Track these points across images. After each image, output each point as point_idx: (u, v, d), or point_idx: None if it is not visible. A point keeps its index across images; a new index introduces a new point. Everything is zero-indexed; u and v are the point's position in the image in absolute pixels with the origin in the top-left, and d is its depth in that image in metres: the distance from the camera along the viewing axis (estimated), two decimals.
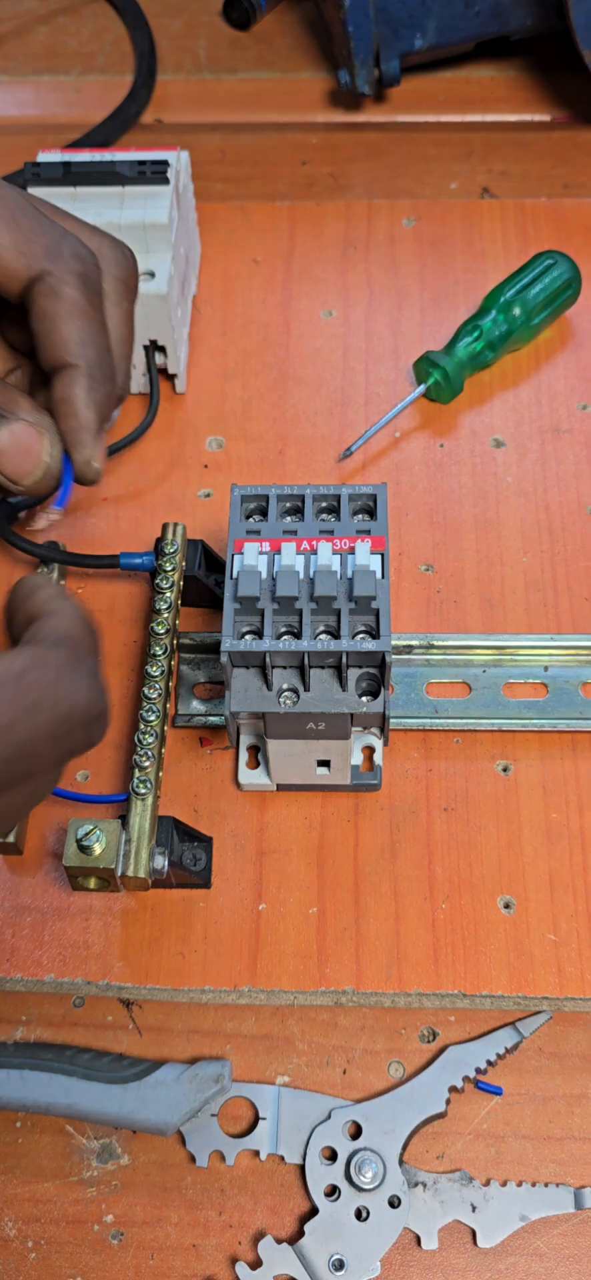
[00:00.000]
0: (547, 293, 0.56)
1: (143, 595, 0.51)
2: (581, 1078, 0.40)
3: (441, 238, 0.62)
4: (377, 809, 0.45)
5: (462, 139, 0.68)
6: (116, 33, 0.75)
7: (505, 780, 0.45)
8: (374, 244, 0.62)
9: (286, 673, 0.40)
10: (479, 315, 0.56)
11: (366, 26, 0.64)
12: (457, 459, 0.54)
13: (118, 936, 0.42)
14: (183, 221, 0.57)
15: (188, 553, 0.48)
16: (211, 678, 0.48)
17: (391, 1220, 0.37)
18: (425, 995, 0.41)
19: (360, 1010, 0.41)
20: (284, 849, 0.44)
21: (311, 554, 0.41)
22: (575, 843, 0.44)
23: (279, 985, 0.41)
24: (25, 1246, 0.38)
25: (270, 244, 0.63)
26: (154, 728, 0.43)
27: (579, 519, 0.52)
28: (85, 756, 0.46)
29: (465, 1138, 0.39)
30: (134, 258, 0.42)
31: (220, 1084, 0.39)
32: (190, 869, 0.43)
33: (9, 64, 0.74)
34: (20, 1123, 0.40)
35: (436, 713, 0.46)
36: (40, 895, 0.43)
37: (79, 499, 0.54)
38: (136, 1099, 0.38)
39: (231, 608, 0.40)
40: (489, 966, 0.41)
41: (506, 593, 0.50)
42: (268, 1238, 0.37)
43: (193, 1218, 0.38)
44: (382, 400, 0.56)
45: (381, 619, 0.40)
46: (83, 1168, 0.39)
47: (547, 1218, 0.38)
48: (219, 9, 0.75)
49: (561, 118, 0.69)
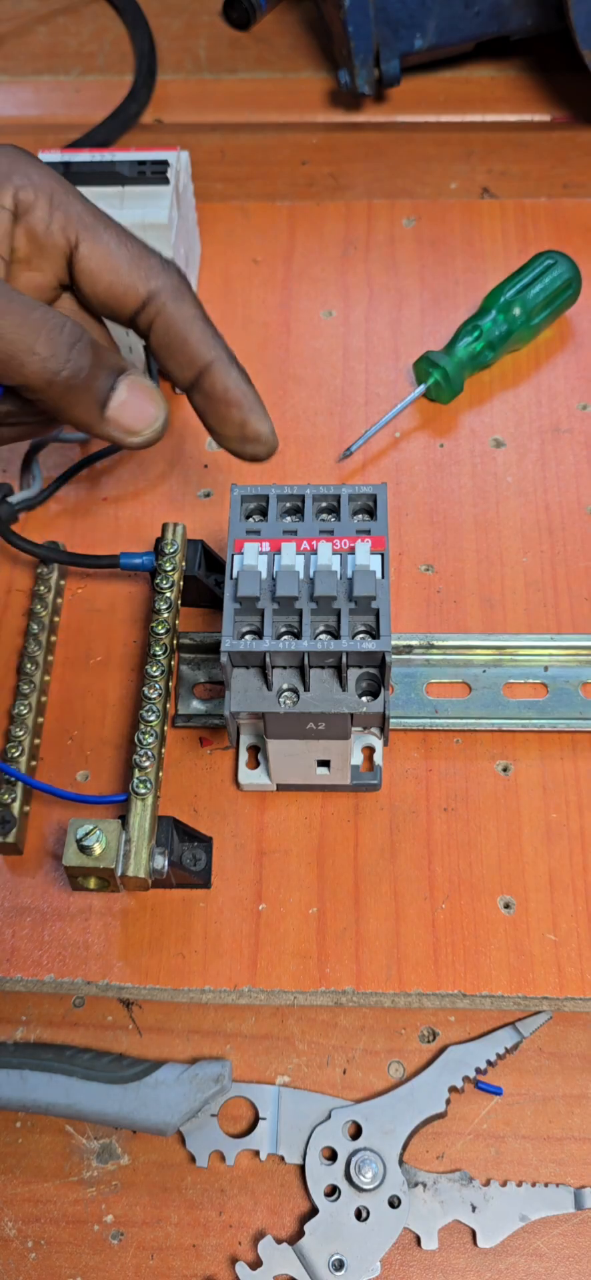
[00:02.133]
0: (547, 293, 0.56)
1: (143, 595, 0.51)
2: (581, 1078, 0.40)
3: (441, 238, 0.62)
4: (377, 809, 0.45)
5: (462, 139, 0.68)
6: (116, 33, 0.75)
7: (505, 780, 0.45)
8: (374, 244, 0.62)
9: (286, 673, 0.40)
10: (479, 315, 0.56)
11: (366, 26, 0.64)
12: (457, 459, 0.54)
13: (118, 936, 0.42)
14: (182, 221, 0.57)
15: (188, 553, 0.48)
16: (211, 678, 0.48)
17: (391, 1220, 0.37)
18: (425, 995, 0.41)
19: (360, 1010, 0.41)
20: (284, 849, 0.44)
21: (311, 554, 0.41)
22: (575, 843, 0.44)
23: (279, 985, 0.41)
24: (25, 1246, 0.38)
25: (270, 244, 0.63)
26: (154, 728, 0.43)
27: (579, 519, 0.52)
28: (85, 757, 0.46)
29: (465, 1138, 0.39)
30: None
31: (220, 1084, 0.39)
32: (190, 869, 0.43)
33: (9, 64, 0.74)
34: (20, 1123, 0.40)
35: (436, 713, 0.46)
36: (40, 895, 0.43)
37: (79, 499, 0.54)
38: (136, 1099, 0.38)
39: (231, 608, 0.40)
40: (489, 966, 0.41)
41: (506, 593, 0.50)
42: (268, 1238, 0.37)
43: (193, 1218, 0.38)
44: (382, 400, 0.56)
45: (381, 619, 0.40)
46: (83, 1168, 0.39)
47: (547, 1218, 0.38)
48: (219, 9, 0.75)
49: (561, 118, 0.69)
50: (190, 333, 0.42)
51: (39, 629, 0.48)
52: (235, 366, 0.42)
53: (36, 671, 0.47)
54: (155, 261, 0.42)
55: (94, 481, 0.54)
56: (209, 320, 0.43)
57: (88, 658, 0.49)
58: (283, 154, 0.68)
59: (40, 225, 0.41)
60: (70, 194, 0.42)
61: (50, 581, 0.49)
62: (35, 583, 0.49)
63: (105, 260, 0.41)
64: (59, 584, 0.50)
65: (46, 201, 0.41)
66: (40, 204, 0.41)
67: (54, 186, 0.42)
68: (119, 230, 0.42)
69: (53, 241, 0.42)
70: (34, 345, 0.39)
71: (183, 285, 0.42)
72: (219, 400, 0.42)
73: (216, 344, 0.42)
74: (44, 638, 0.48)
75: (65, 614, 0.50)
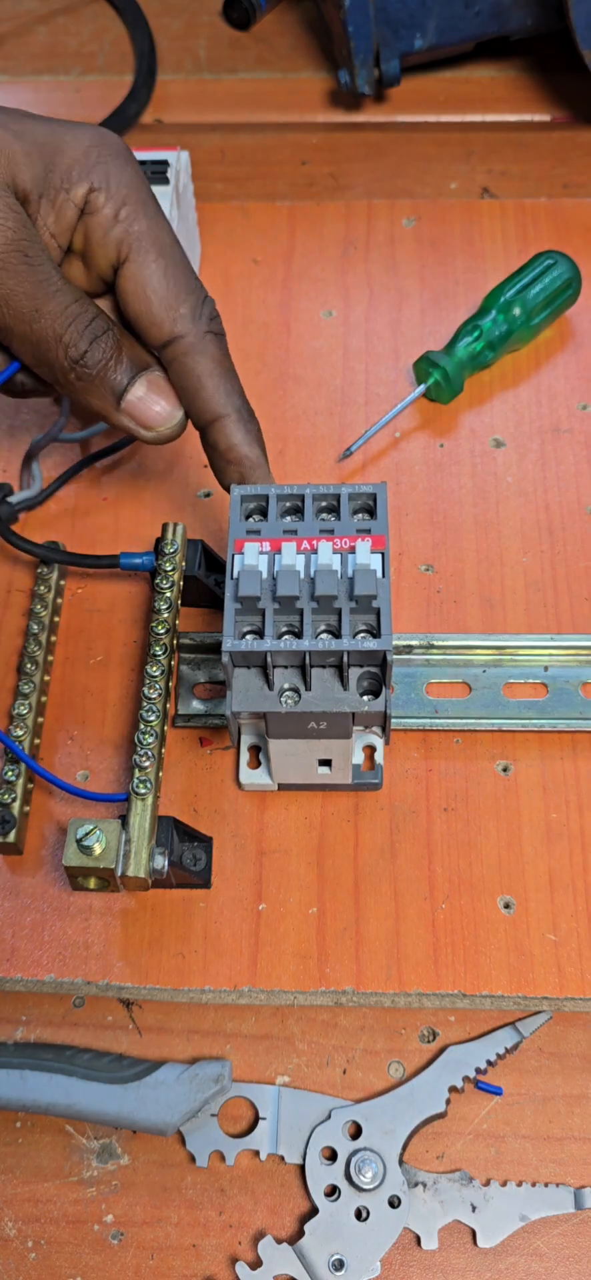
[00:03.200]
0: (547, 293, 0.56)
1: (143, 595, 0.51)
2: (581, 1078, 0.40)
3: (441, 238, 0.62)
4: (377, 809, 0.45)
5: (462, 139, 0.68)
6: (116, 33, 0.75)
7: (505, 780, 0.45)
8: (374, 244, 0.62)
9: (287, 672, 0.40)
10: (479, 315, 0.56)
11: (366, 26, 0.64)
12: (457, 459, 0.54)
13: (118, 936, 0.42)
14: (183, 221, 0.57)
15: (188, 553, 0.48)
16: (211, 678, 0.48)
17: (391, 1220, 0.37)
18: (425, 995, 0.41)
19: (360, 1010, 0.41)
20: (284, 849, 0.44)
21: (312, 553, 0.41)
22: (575, 843, 0.44)
23: (279, 985, 0.41)
24: (25, 1246, 0.38)
25: (270, 244, 0.63)
26: (154, 728, 0.43)
27: (579, 519, 0.52)
28: (85, 756, 0.46)
29: (465, 1138, 0.39)
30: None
31: (220, 1084, 0.39)
32: (190, 869, 0.43)
33: (9, 64, 0.74)
34: (20, 1123, 0.40)
35: (436, 713, 0.46)
36: (40, 895, 0.43)
37: (79, 499, 0.54)
38: (136, 1099, 0.38)
39: (232, 607, 0.40)
40: (489, 966, 0.41)
41: (506, 593, 0.50)
42: (268, 1238, 0.37)
43: (193, 1218, 0.38)
44: (382, 400, 0.56)
45: (382, 618, 0.40)
46: (83, 1168, 0.39)
47: (547, 1218, 0.38)
48: (219, 9, 0.75)
49: (561, 118, 0.69)
50: (204, 386, 0.43)
51: (39, 629, 0.48)
52: (244, 424, 0.44)
53: (36, 671, 0.47)
54: (187, 309, 0.43)
55: (94, 481, 0.54)
56: (229, 372, 0.44)
57: (88, 658, 0.49)
58: (283, 154, 0.68)
59: (99, 231, 0.43)
60: (139, 208, 0.43)
61: (50, 581, 0.49)
62: (35, 583, 0.49)
63: (141, 289, 0.43)
64: (59, 584, 0.50)
65: (113, 211, 0.42)
66: (107, 211, 0.42)
67: (127, 195, 0.43)
68: (168, 262, 0.43)
69: (104, 251, 0.43)
70: (62, 333, 0.41)
71: (207, 337, 0.43)
72: (222, 455, 0.44)
73: (229, 400, 0.43)
74: (44, 638, 0.48)
75: (65, 614, 0.50)
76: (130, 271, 0.43)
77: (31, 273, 0.41)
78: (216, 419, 0.44)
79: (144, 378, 0.43)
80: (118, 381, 0.42)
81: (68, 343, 0.41)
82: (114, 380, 0.42)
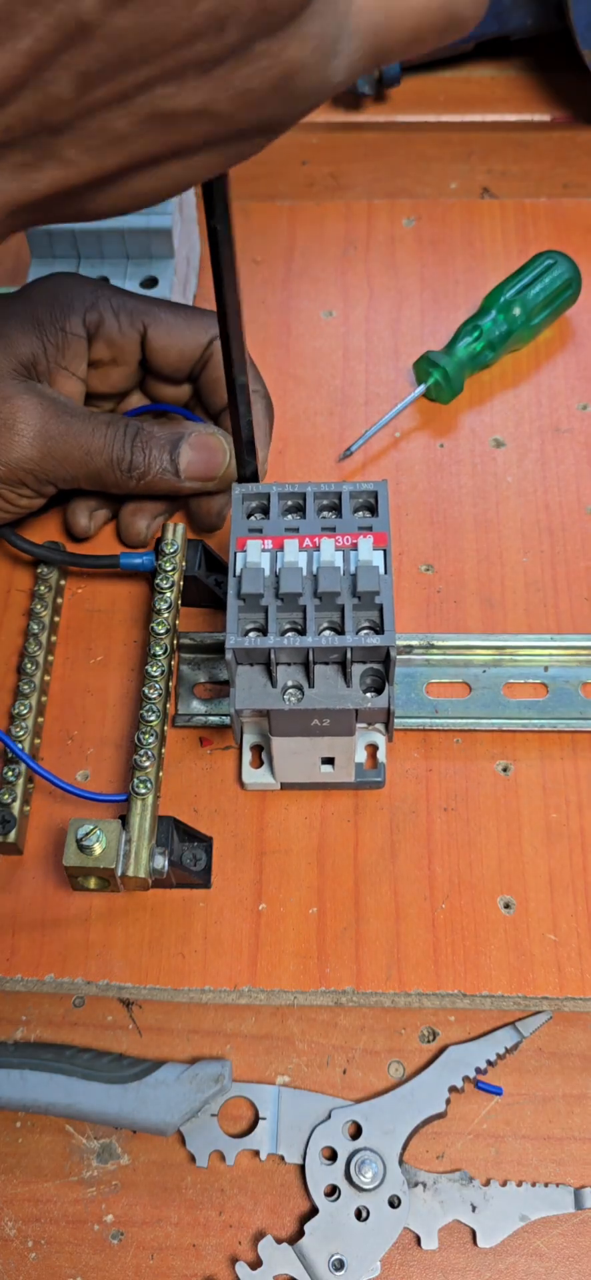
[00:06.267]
0: (547, 293, 0.56)
1: (143, 595, 0.50)
2: (581, 1078, 0.40)
3: (441, 238, 0.62)
4: (377, 809, 0.45)
5: (462, 139, 0.68)
6: None
7: (505, 780, 0.45)
8: (374, 244, 0.62)
9: (291, 669, 0.40)
10: (479, 315, 0.56)
11: None
12: (457, 459, 0.54)
13: (118, 936, 0.42)
14: (184, 223, 0.57)
15: (188, 553, 0.48)
16: (211, 678, 0.48)
17: (391, 1220, 0.37)
18: (425, 995, 0.41)
19: (360, 1010, 0.41)
20: (284, 849, 0.44)
21: (314, 551, 0.41)
22: (575, 843, 0.44)
23: (279, 985, 0.41)
24: (25, 1246, 0.38)
25: (270, 244, 0.63)
26: (154, 728, 0.43)
27: (579, 519, 0.52)
28: (85, 756, 0.46)
29: (465, 1138, 0.39)
30: None
31: (220, 1084, 0.39)
32: (190, 869, 0.43)
33: None
34: (20, 1123, 0.40)
35: (436, 713, 0.46)
36: (40, 895, 0.43)
37: None
38: (136, 1099, 0.38)
39: (235, 605, 0.40)
40: (489, 966, 0.41)
41: (506, 593, 0.50)
42: (268, 1238, 0.37)
43: (193, 1218, 0.38)
44: (382, 400, 0.56)
45: (385, 614, 0.40)
46: (83, 1168, 0.39)
47: (547, 1218, 0.37)
48: None
49: (561, 118, 0.69)
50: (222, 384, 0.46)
51: (39, 629, 0.48)
52: (263, 400, 0.49)
53: (36, 671, 0.46)
54: (206, 318, 0.49)
55: None
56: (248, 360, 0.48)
57: (88, 658, 0.49)
58: (283, 154, 0.68)
59: (114, 330, 0.48)
60: (121, 295, 0.48)
61: (50, 581, 0.49)
62: (35, 583, 0.49)
63: (169, 333, 0.48)
64: (59, 584, 0.50)
65: (111, 311, 0.48)
66: (107, 315, 0.48)
67: (110, 294, 0.48)
68: (170, 305, 0.49)
69: (128, 337, 0.48)
70: (111, 455, 0.46)
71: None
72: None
73: (254, 376, 0.48)
74: (44, 638, 0.48)
75: (65, 614, 0.50)
76: (154, 331, 0.48)
77: (69, 430, 0.46)
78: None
79: (185, 444, 0.47)
80: (167, 462, 0.47)
81: (117, 459, 0.46)
82: (164, 463, 0.47)
